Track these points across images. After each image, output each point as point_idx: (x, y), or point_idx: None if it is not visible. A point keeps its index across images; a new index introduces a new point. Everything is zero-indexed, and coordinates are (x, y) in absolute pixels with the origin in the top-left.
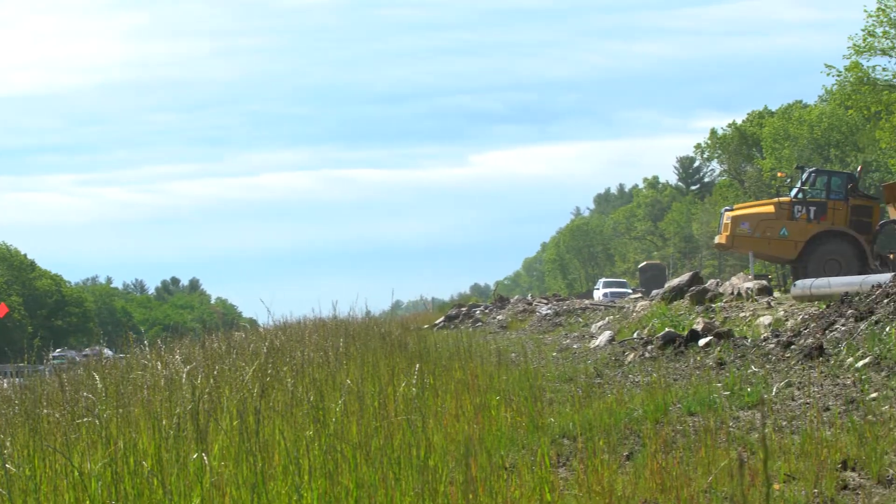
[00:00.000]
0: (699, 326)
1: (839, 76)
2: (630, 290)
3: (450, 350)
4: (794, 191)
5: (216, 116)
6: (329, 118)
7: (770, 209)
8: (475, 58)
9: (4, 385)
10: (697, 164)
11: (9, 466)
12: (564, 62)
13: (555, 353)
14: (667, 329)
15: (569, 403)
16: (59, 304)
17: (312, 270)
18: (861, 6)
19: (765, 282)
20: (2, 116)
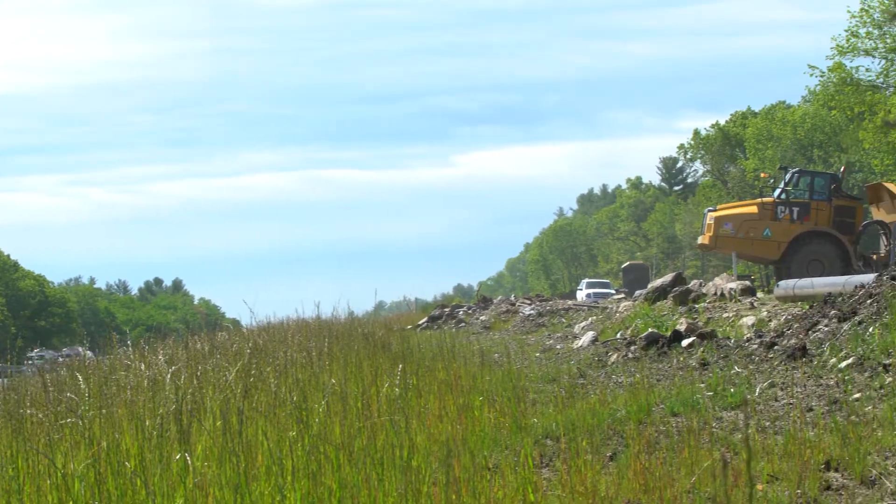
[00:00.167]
0: (682, 327)
1: (822, 77)
2: (613, 291)
3: (433, 351)
4: (778, 191)
5: (197, 117)
6: (312, 119)
7: (753, 210)
8: (458, 58)
9: None
10: (681, 165)
11: None
12: (547, 63)
13: (538, 354)
14: (650, 329)
15: (552, 404)
16: (43, 305)
17: (296, 271)
18: (844, 7)
19: (748, 282)
20: None
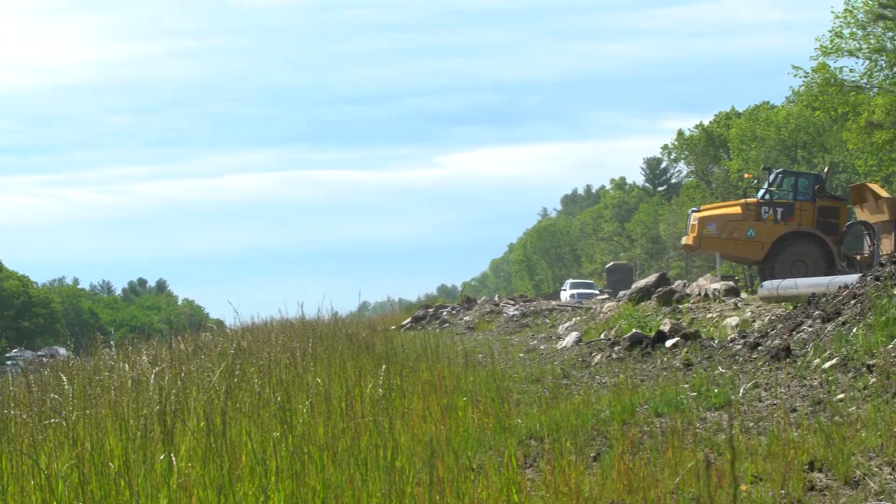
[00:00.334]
0: (666, 327)
1: (806, 77)
2: (597, 291)
3: (417, 351)
4: (761, 192)
5: (178, 118)
6: (294, 119)
7: (737, 210)
8: (442, 59)
9: None
10: (664, 166)
11: None
12: (530, 63)
13: (522, 354)
14: (634, 330)
15: (536, 404)
16: (26, 306)
17: (279, 271)
18: (828, 7)
19: (732, 283)
20: None
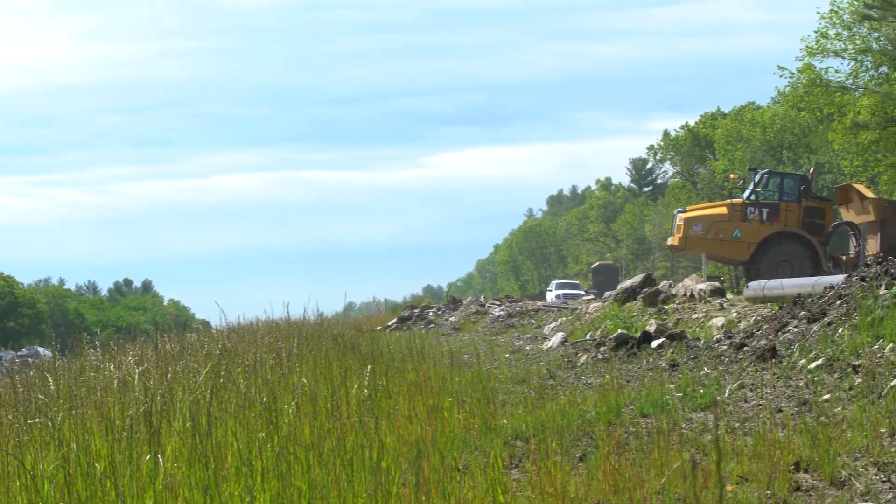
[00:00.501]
0: (652, 328)
1: (792, 78)
2: (583, 292)
3: (402, 352)
4: (747, 192)
5: (166, 118)
6: (281, 120)
7: (723, 211)
8: (428, 60)
9: None
10: (650, 166)
11: None
12: (516, 64)
13: (507, 355)
14: (619, 330)
15: (521, 405)
16: (12, 306)
17: (265, 272)
18: (814, 8)
19: (717, 283)
20: None
